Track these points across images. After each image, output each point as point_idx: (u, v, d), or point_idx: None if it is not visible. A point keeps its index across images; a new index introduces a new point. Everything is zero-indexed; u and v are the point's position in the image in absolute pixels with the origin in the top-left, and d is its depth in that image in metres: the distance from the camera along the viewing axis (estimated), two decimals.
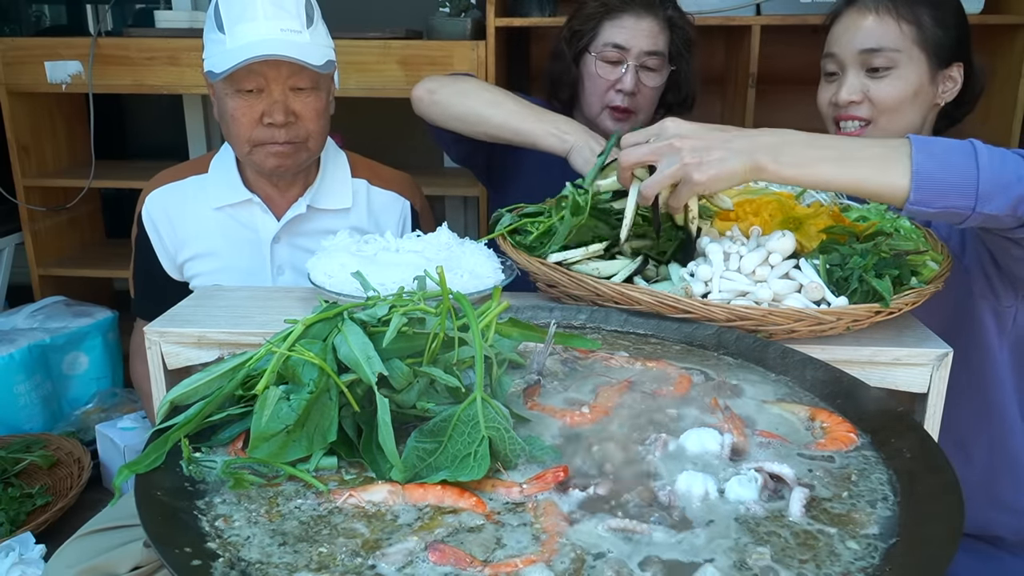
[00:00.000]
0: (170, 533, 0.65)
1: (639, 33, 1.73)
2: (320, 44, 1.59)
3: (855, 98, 1.45)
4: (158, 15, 2.80)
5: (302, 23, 1.55)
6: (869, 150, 1.03)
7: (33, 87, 2.70)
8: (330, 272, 1.20)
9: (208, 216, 1.72)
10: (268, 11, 1.52)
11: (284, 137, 1.58)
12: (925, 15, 1.42)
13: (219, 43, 1.55)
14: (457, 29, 2.57)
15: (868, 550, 0.66)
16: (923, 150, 1.00)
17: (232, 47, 1.52)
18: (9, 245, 3.01)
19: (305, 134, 1.61)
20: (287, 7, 1.54)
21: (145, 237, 1.77)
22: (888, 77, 1.43)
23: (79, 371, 2.68)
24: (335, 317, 0.84)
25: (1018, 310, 1.34)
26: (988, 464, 1.41)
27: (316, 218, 1.74)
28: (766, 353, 1.00)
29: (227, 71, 1.50)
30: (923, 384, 1.06)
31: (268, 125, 1.57)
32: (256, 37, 1.52)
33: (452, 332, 0.84)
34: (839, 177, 1.02)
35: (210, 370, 0.81)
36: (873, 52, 1.43)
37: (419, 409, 0.80)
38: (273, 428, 0.74)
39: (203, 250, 1.74)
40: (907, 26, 1.42)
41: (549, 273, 1.15)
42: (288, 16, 1.54)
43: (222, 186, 1.72)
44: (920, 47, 1.42)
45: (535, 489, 0.72)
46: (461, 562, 0.63)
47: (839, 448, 0.82)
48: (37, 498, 2.11)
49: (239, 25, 1.52)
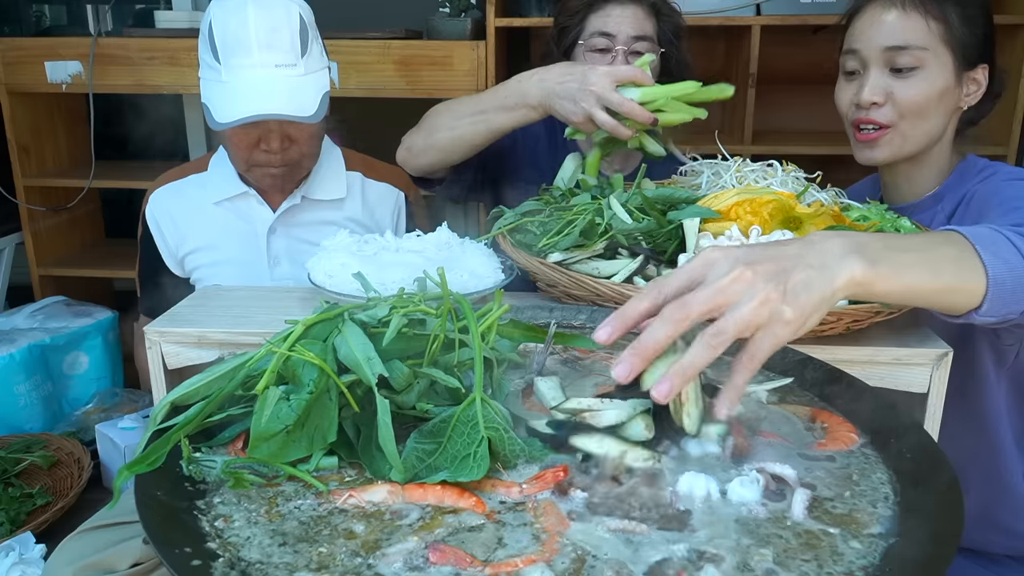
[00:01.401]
0: (170, 533, 0.65)
1: (624, 20, 1.72)
2: (314, 72, 1.58)
3: (878, 99, 1.35)
4: (158, 15, 2.80)
5: (296, 54, 1.54)
6: (941, 249, 0.85)
7: (33, 87, 2.70)
8: (330, 272, 1.20)
9: (208, 211, 1.76)
10: (262, 43, 1.51)
11: (280, 161, 1.63)
12: (953, 12, 1.33)
13: (214, 71, 1.56)
14: (457, 29, 2.57)
15: (869, 550, 0.66)
16: (987, 250, 0.86)
17: (228, 83, 1.53)
18: (9, 245, 3.01)
19: (299, 156, 1.65)
20: (281, 39, 1.53)
21: (149, 236, 1.81)
22: (914, 77, 1.34)
23: (79, 371, 2.68)
24: (336, 318, 0.84)
25: (1021, 348, 1.28)
26: (984, 495, 1.37)
27: (311, 209, 1.77)
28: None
29: (227, 126, 1.51)
30: (923, 384, 1.06)
31: (264, 151, 1.61)
32: (251, 79, 1.51)
33: (453, 334, 0.84)
34: (933, 283, 0.82)
35: (211, 370, 0.81)
36: (898, 50, 1.33)
37: (419, 410, 0.80)
38: (273, 428, 0.74)
39: (203, 243, 1.78)
40: (935, 23, 1.33)
41: (549, 273, 1.15)
42: (282, 50, 1.53)
43: (220, 181, 1.76)
44: (947, 46, 1.33)
45: (535, 489, 0.72)
46: (461, 562, 0.63)
47: (840, 448, 0.82)
48: (37, 498, 2.11)
49: (234, 58, 1.52)
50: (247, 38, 1.51)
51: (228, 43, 1.52)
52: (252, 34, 1.50)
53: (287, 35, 1.53)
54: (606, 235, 1.20)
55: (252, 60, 1.51)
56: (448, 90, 2.61)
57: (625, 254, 1.20)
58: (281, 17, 1.53)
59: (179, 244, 1.79)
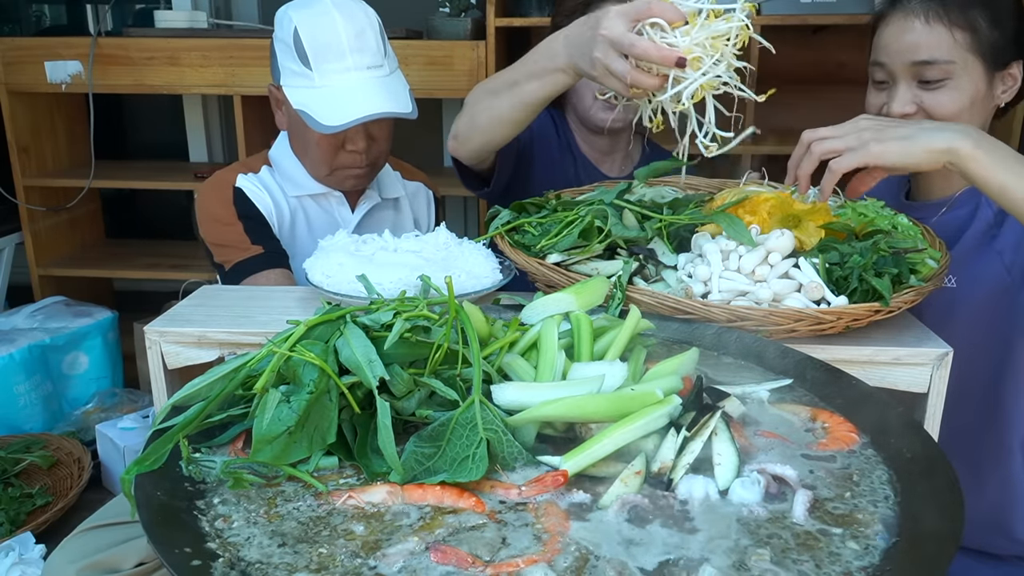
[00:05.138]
0: (170, 533, 0.65)
1: None
2: (396, 70, 1.64)
3: (909, 111, 1.34)
4: (158, 15, 2.80)
5: (381, 55, 1.60)
6: None
7: (33, 87, 2.70)
8: (328, 272, 1.20)
9: (292, 202, 1.73)
10: (353, 47, 1.55)
11: (364, 161, 1.66)
12: (979, 18, 1.30)
13: (305, 78, 1.57)
14: (457, 29, 2.58)
15: (868, 550, 0.66)
16: None
17: (324, 88, 1.55)
18: (9, 245, 3.01)
19: (379, 154, 1.69)
20: (368, 42, 1.57)
21: (247, 202, 1.67)
22: (943, 88, 1.32)
23: (79, 371, 2.68)
24: (338, 320, 0.84)
25: None
26: (999, 498, 1.38)
27: (382, 207, 1.81)
28: (766, 353, 1.00)
29: (338, 128, 1.52)
30: (923, 384, 1.06)
31: (350, 152, 1.64)
32: (349, 82, 1.55)
33: (456, 346, 0.84)
34: None
35: (213, 371, 0.81)
36: (925, 64, 1.31)
37: (418, 416, 0.80)
38: (275, 431, 0.74)
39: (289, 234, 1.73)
40: (960, 33, 1.30)
41: (548, 273, 1.15)
42: (371, 51, 1.58)
43: (296, 178, 1.73)
44: (975, 54, 1.31)
45: (533, 491, 0.72)
46: (463, 562, 0.63)
47: (841, 448, 0.82)
48: (37, 498, 2.11)
49: (326, 64, 1.55)
50: (339, 43, 1.55)
51: (319, 49, 1.55)
52: (344, 39, 1.55)
53: (372, 37, 1.58)
54: (606, 237, 1.20)
55: (346, 64, 1.55)
56: (448, 90, 2.62)
57: (624, 254, 1.20)
58: (364, 20, 1.58)
59: (277, 221, 1.70)
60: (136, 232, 3.44)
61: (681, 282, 1.13)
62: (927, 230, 1.26)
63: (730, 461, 0.75)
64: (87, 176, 2.76)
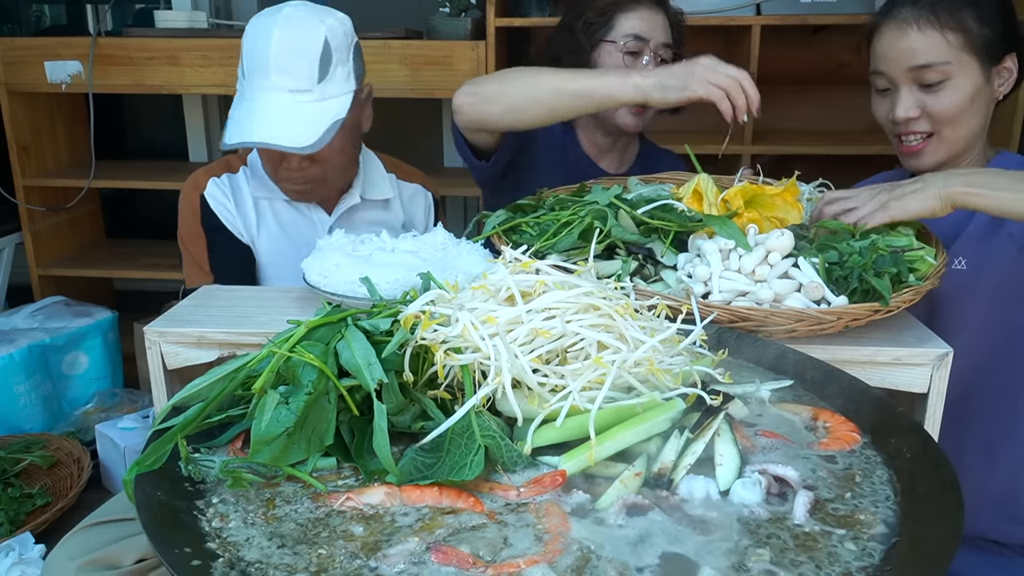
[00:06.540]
0: (170, 533, 0.65)
1: (656, 25, 1.72)
2: (332, 98, 1.55)
3: (913, 115, 1.38)
4: (158, 15, 2.80)
5: (312, 80, 1.52)
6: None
7: (33, 87, 2.70)
8: (325, 272, 1.20)
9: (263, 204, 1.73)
10: (280, 67, 1.50)
11: (302, 179, 1.63)
12: (968, 18, 1.34)
13: (241, 86, 1.56)
14: (457, 29, 2.57)
15: (868, 550, 0.66)
16: None
17: (246, 100, 1.53)
18: (9, 245, 3.01)
19: (322, 174, 1.64)
20: (298, 64, 1.51)
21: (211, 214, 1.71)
22: (943, 90, 1.36)
23: (79, 371, 2.68)
24: (339, 322, 0.84)
25: None
26: (1012, 477, 1.39)
27: (364, 208, 1.78)
28: (766, 353, 1.00)
29: (228, 147, 1.52)
30: (923, 384, 1.06)
31: (286, 168, 1.61)
32: (264, 102, 1.51)
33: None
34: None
35: (213, 372, 0.81)
36: (923, 68, 1.36)
37: (414, 428, 0.81)
38: (273, 432, 0.74)
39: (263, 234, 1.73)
40: (952, 34, 1.34)
41: None
42: (297, 74, 1.51)
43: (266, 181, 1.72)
44: (969, 52, 1.35)
45: (532, 493, 0.72)
46: (464, 563, 0.63)
47: (842, 448, 0.82)
48: (37, 498, 2.11)
49: (253, 77, 1.53)
50: (266, 60, 1.50)
51: (250, 62, 1.53)
52: (272, 57, 1.50)
53: (305, 60, 1.51)
54: (606, 238, 1.20)
55: (269, 83, 1.51)
56: (448, 90, 2.60)
57: (622, 254, 1.20)
58: (305, 41, 1.51)
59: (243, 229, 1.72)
60: (136, 232, 3.43)
61: (681, 282, 1.13)
62: (924, 228, 1.27)
63: (732, 462, 0.75)
64: (87, 176, 2.76)
